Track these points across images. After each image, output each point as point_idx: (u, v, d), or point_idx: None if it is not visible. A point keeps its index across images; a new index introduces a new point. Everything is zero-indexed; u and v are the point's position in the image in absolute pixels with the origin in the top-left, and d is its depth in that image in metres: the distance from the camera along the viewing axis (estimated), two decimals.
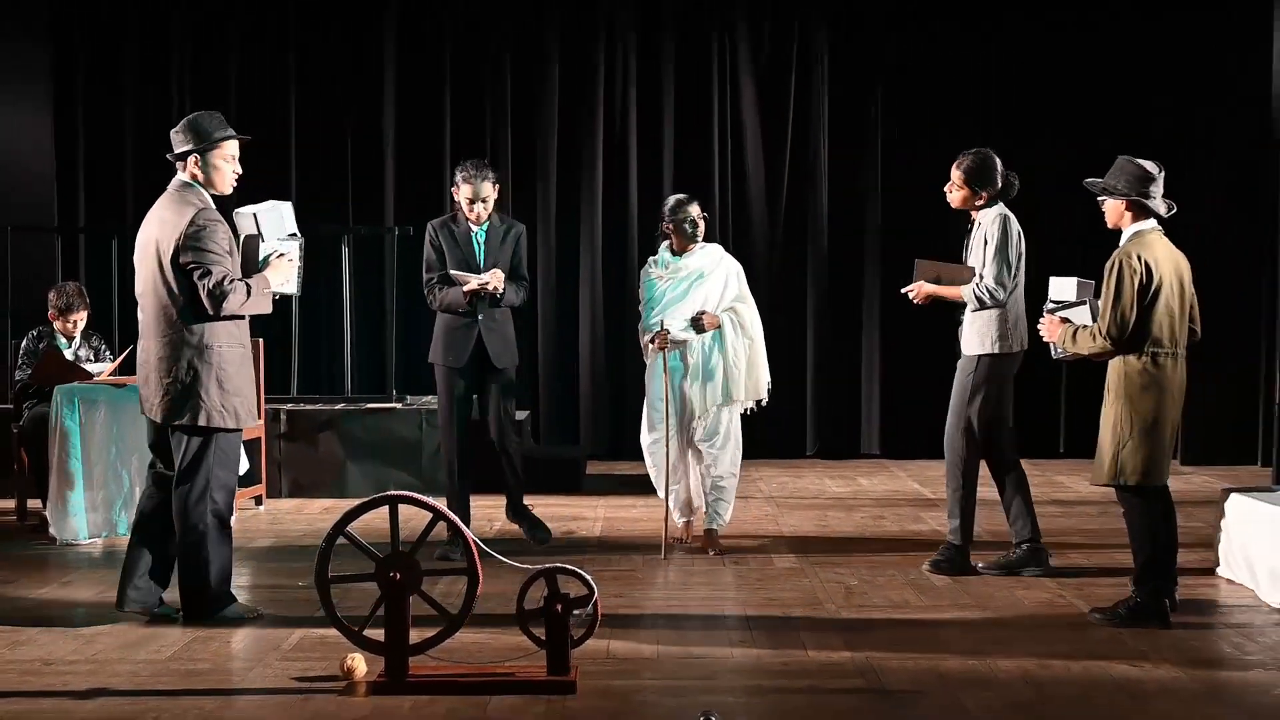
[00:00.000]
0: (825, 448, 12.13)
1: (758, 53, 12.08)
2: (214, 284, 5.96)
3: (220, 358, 6.09)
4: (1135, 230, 6.14)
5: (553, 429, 12.13)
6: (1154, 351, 6.02)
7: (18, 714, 4.92)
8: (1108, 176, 6.23)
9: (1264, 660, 5.62)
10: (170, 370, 6.05)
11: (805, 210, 12.10)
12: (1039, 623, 6.21)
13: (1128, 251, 6.05)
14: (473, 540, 5.32)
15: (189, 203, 6.08)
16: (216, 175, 6.18)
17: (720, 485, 7.79)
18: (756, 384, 7.86)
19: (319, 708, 5.00)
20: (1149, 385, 6.02)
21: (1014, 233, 7.01)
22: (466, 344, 7.66)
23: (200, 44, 12.02)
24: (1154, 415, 6.01)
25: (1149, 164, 6.15)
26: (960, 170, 7.13)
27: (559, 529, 8.52)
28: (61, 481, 8.13)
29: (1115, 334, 6.01)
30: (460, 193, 7.68)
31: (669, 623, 6.25)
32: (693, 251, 7.82)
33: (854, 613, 6.41)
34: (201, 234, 6.00)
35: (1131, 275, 5.97)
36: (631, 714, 4.95)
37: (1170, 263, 6.09)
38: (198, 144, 6.11)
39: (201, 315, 6.04)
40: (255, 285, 6.15)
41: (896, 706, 5.01)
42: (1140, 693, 5.16)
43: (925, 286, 7.20)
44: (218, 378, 6.07)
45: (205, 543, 6.14)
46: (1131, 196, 6.12)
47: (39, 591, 6.93)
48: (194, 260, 5.98)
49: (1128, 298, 5.97)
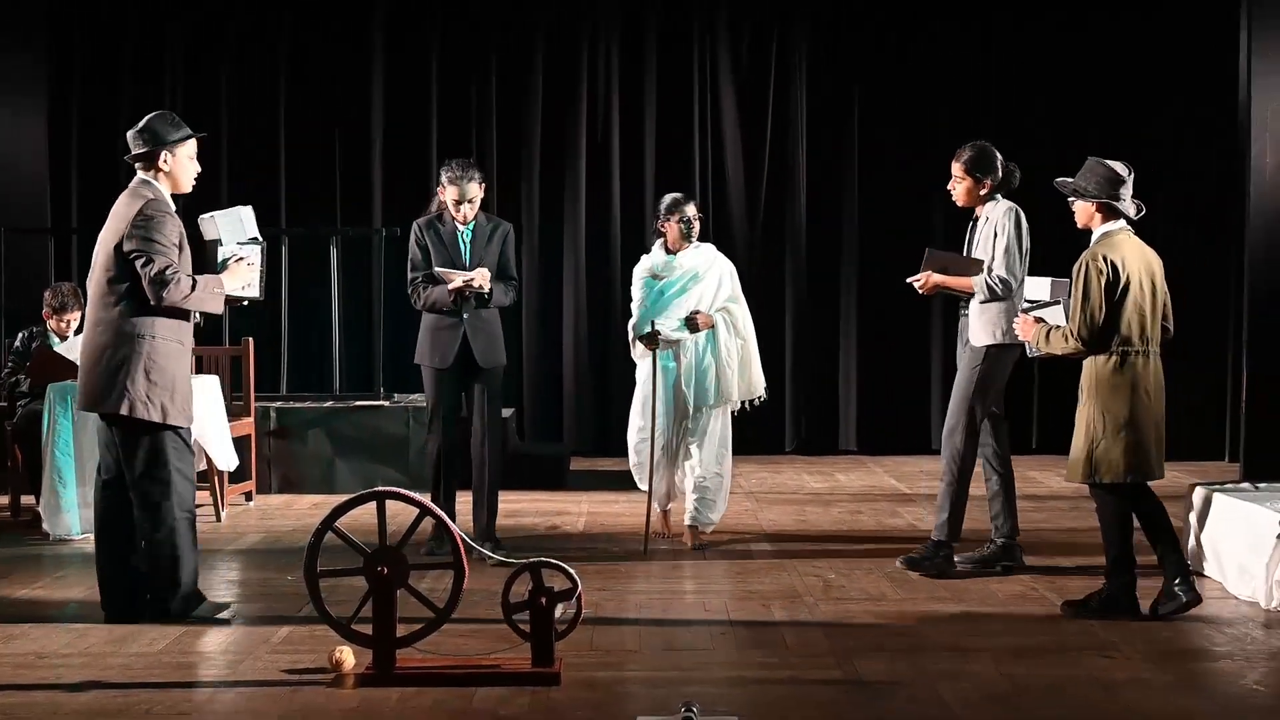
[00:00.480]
0: (804, 444, 12.13)
1: (737, 58, 12.08)
2: (155, 272, 5.81)
3: (152, 348, 5.91)
4: (1104, 231, 6.10)
5: (537, 426, 12.11)
6: (1124, 350, 5.98)
7: (11, 706, 4.88)
8: (1078, 177, 6.17)
9: (1232, 651, 5.60)
10: (100, 356, 5.91)
11: (783, 211, 12.10)
12: (1013, 615, 6.20)
13: (1094, 253, 6.01)
14: (459, 535, 5.29)
15: (142, 196, 5.98)
16: (180, 173, 6.07)
17: (704, 485, 7.68)
18: (750, 383, 7.77)
19: (308, 700, 4.96)
20: (1120, 384, 5.98)
21: (1024, 226, 6.91)
22: (452, 344, 7.40)
23: (192, 50, 11.99)
24: (1127, 414, 5.97)
25: (1119, 166, 6.10)
26: (961, 163, 7.01)
27: (543, 524, 8.49)
28: (54, 478, 8.07)
29: (1085, 334, 5.97)
30: (446, 194, 7.42)
31: (651, 615, 6.22)
32: (687, 250, 7.70)
33: (832, 605, 6.38)
34: (149, 224, 5.88)
35: (1098, 275, 5.93)
36: (614, 704, 4.91)
37: (1140, 261, 6.05)
38: (158, 144, 6.00)
39: (140, 306, 5.89)
40: (203, 282, 5.99)
41: (874, 697, 4.99)
42: (1111, 683, 5.15)
43: (934, 276, 6.97)
44: (146, 368, 5.88)
45: (176, 539, 5.98)
46: (1101, 199, 6.08)
47: (32, 586, 6.88)
48: (138, 248, 5.86)
49: (1095, 298, 5.93)
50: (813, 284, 12.11)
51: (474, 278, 7.28)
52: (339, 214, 11.96)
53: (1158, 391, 6.08)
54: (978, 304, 6.91)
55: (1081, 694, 5.03)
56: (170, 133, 6.02)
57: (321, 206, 11.93)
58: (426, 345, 7.51)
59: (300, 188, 12.00)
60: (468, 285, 7.28)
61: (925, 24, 11.97)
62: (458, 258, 7.44)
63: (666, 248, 7.75)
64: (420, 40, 12.00)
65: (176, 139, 6.03)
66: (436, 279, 7.41)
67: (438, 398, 7.49)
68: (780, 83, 12.05)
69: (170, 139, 6.02)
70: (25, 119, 11.35)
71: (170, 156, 6.02)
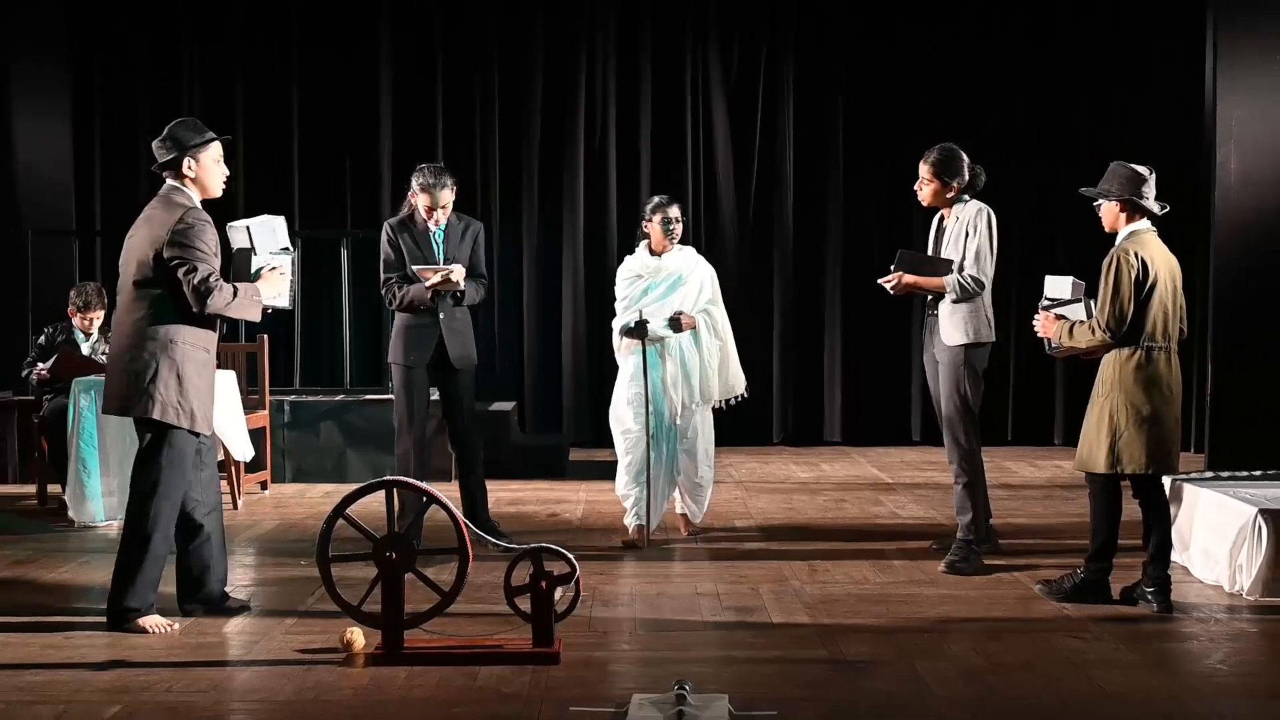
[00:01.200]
0: (791, 435, 12.17)
1: (728, 68, 12.11)
2: (199, 280, 5.57)
3: (184, 355, 5.65)
4: (1131, 230, 6.00)
5: (537, 418, 12.14)
6: (1149, 346, 5.91)
7: (40, 684, 4.91)
8: (1101, 183, 6.08)
9: (1197, 633, 5.64)
10: (132, 362, 5.63)
11: (772, 214, 12.13)
12: (989, 597, 6.22)
13: (1125, 249, 5.90)
14: (464, 522, 5.31)
15: (178, 203, 5.73)
16: (207, 177, 5.82)
17: (699, 484, 7.60)
18: (729, 382, 7.64)
19: (320, 678, 4.99)
20: (1143, 379, 5.91)
21: (995, 227, 6.78)
22: (428, 344, 7.17)
23: (208, 61, 12.03)
24: (1150, 408, 5.90)
25: (1141, 167, 6.02)
26: (928, 164, 6.86)
27: (543, 512, 8.52)
28: (79, 468, 8.11)
29: (1114, 326, 5.87)
30: (419, 200, 7.15)
31: (646, 598, 6.25)
32: (671, 253, 7.54)
33: (817, 589, 6.41)
34: (190, 231, 5.61)
35: (1129, 270, 5.84)
36: (611, 682, 4.95)
37: (1165, 262, 5.98)
38: (181, 150, 5.76)
39: (170, 313, 5.65)
40: (243, 290, 5.75)
41: (856, 675, 5.01)
42: (1083, 661, 5.18)
43: (906, 277, 6.81)
44: (178, 374, 5.62)
45: (143, 545, 5.66)
46: (1125, 197, 5.98)
47: (59, 571, 6.91)
48: (179, 255, 5.59)
49: (1125, 292, 5.84)
50: (799, 282, 12.14)
51: (452, 271, 7.04)
52: (349, 218, 12.00)
53: (1177, 389, 6.00)
54: (949, 304, 6.77)
55: (1053, 671, 5.06)
56: (193, 137, 5.80)
57: (333, 212, 12.01)
58: (401, 344, 7.23)
59: (313, 195, 12.06)
60: (446, 280, 7.04)
61: (905, 36, 12.03)
62: (431, 257, 7.18)
63: (650, 249, 7.58)
64: (426, 55, 12.05)
65: (199, 143, 5.80)
66: (411, 278, 7.15)
67: (410, 397, 7.20)
68: (769, 91, 12.10)
69: (193, 143, 5.78)
70: (49, 126, 11.38)
71: (194, 162, 5.78)
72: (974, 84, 11.91)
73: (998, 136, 11.63)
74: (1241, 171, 9.55)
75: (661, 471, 7.52)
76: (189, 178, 5.80)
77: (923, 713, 4.62)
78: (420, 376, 7.21)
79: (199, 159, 5.81)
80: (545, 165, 12.12)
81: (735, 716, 4.47)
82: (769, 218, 12.15)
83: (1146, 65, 11.65)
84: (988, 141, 11.49)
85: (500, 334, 12.15)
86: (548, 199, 12.15)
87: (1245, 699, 4.81)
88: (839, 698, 4.76)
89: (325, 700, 4.75)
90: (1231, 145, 9.57)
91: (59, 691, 4.83)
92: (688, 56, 12.09)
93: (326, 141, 12.03)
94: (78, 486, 8.12)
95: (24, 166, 11.12)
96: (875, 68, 12.03)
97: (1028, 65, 11.88)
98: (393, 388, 7.34)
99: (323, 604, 5.76)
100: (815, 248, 12.16)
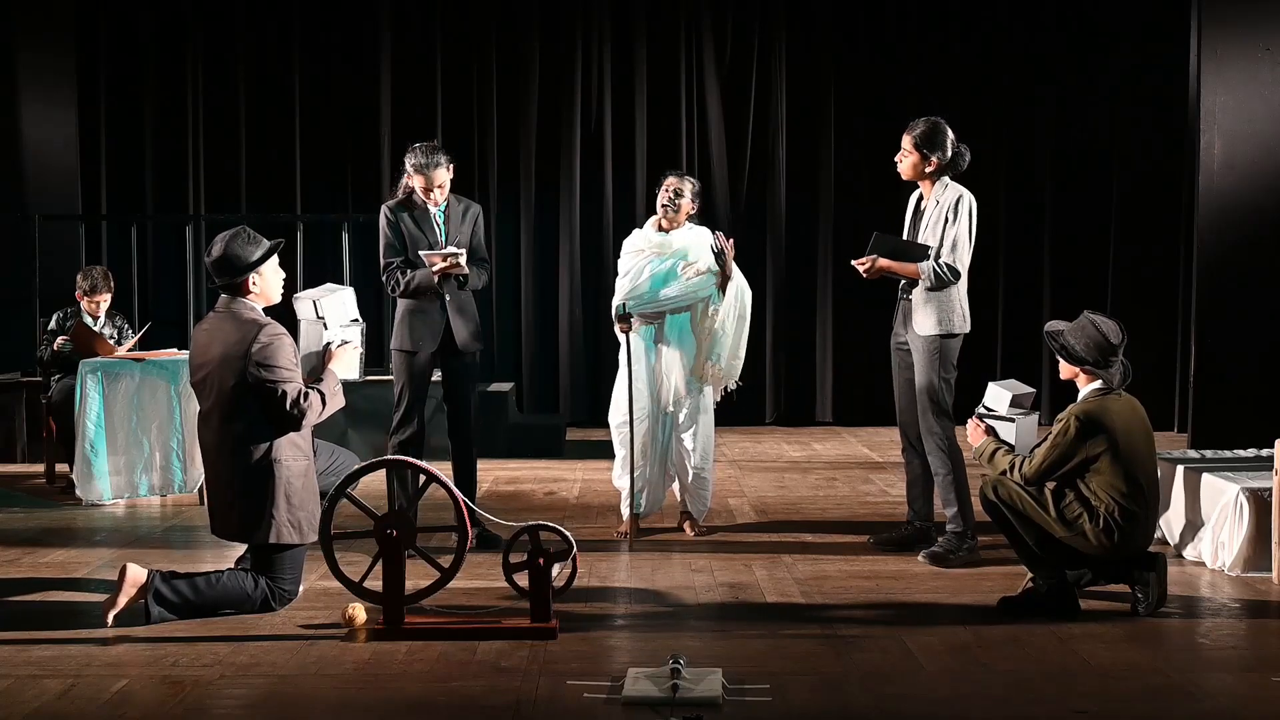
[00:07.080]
0: (783, 415, 12.18)
1: (721, 55, 12.09)
2: (290, 403, 5.39)
3: (289, 472, 5.46)
4: (1094, 389, 5.58)
5: (535, 398, 12.15)
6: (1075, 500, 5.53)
7: (49, 658, 4.91)
8: (1068, 332, 5.62)
9: (1179, 608, 5.66)
10: (245, 496, 5.43)
11: (764, 197, 12.13)
12: (976, 575, 6.23)
13: (1085, 411, 5.48)
14: (463, 500, 5.31)
15: (247, 319, 5.47)
16: (269, 289, 5.58)
17: (702, 475, 7.12)
18: (729, 366, 7.03)
19: (323, 652, 5.00)
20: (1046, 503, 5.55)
21: (974, 216, 6.38)
22: (436, 329, 6.74)
23: (212, 48, 11.98)
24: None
25: (1111, 331, 5.54)
26: (911, 136, 6.44)
27: (541, 490, 8.52)
28: (86, 448, 8.12)
29: (1033, 480, 5.56)
30: (415, 183, 6.69)
31: (641, 574, 6.26)
32: (680, 230, 6.99)
33: (809, 565, 6.42)
34: (269, 350, 5.38)
35: (1079, 440, 5.43)
36: (607, 656, 4.96)
37: (1126, 422, 5.50)
38: (249, 269, 5.49)
39: (267, 429, 5.44)
40: (327, 388, 5.59)
41: (846, 649, 5.03)
42: (1067, 636, 5.19)
43: (880, 260, 6.40)
44: (286, 493, 5.44)
45: (225, 590, 5.50)
46: (1086, 366, 5.57)
47: (67, 548, 6.91)
48: (266, 379, 5.37)
49: (1059, 456, 5.47)
50: (791, 265, 12.15)
51: (460, 254, 6.57)
52: (350, 202, 11.99)
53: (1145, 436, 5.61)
54: (922, 291, 6.42)
55: (1039, 644, 5.07)
56: (253, 252, 5.49)
57: (335, 196, 12.00)
58: (407, 330, 6.81)
59: (316, 180, 12.04)
60: (454, 264, 6.58)
61: (895, 18, 12.02)
62: (434, 238, 6.75)
63: (660, 225, 7.05)
64: (424, 41, 12.03)
65: (260, 258, 5.51)
66: (415, 263, 6.72)
67: (412, 383, 6.79)
68: (761, 78, 12.09)
69: (253, 260, 5.49)
70: (56, 112, 11.34)
71: (259, 277, 5.53)
72: (962, 68, 11.91)
73: (985, 120, 11.62)
74: (1225, 158, 9.55)
75: (655, 457, 7.10)
76: (253, 293, 5.57)
77: (911, 684, 4.63)
78: (422, 363, 6.79)
79: (262, 273, 5.56)
80: (542, 149, 12.12)
81: (729, 689, 4.48)
82: (761, 200, 12.16)
83: (1131, 51, 11.64)
84: (974, 126, 11.51)
85: (498, 315, 12.14)
86: (545, 182, 12.16)
87: (1226, 671, 4.82)
88: (830, 671, 4.77)
89: (328, 674, 4.76)
90: (1215, 132, 9.57)
91: (67, 666, 4.84)
92: (682, 43, 12.08)
93: (328, 125, 12.01)
94: (85, 466, 8.13)
95: (30, 151, 11.10)
96: (867, 54, 12.03)
97: (1015, 50, 11.89)
98: (393, 373, 6.90)
99: (325, 580, 5.76)
100: (806, 230, 12.17)
